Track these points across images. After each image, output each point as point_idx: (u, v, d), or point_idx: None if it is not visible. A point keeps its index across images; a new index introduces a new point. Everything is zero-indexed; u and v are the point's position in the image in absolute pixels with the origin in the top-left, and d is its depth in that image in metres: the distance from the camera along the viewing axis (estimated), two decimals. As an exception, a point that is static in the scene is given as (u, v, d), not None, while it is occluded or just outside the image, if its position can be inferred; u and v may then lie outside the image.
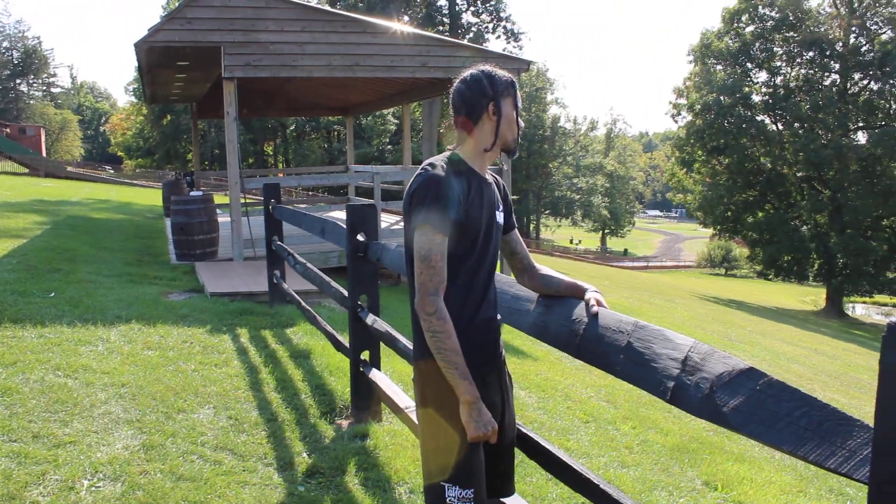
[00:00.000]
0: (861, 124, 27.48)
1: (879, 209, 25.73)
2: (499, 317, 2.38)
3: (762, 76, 28.76)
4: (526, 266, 2.49)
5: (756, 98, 28.48)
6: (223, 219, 11.51)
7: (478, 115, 2.21)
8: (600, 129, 71.52)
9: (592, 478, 2.38)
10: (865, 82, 27.31)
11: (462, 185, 2.12)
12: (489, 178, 2.29)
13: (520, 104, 2.32)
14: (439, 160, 2.18)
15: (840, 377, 10.43)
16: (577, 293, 2.34)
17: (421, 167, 2.17)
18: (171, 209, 10.64)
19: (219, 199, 14.62)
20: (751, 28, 28.30)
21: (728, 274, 45.01)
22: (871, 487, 1.16)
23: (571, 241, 69.53)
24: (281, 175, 21.82)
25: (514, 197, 35.53)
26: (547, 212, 60.77)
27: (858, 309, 30.75)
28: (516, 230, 2.52)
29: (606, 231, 66.68)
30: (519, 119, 2.29)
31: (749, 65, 28.64)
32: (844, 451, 1.31)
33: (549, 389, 6.00)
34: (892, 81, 26.19)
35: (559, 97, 59.98)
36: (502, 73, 2.26)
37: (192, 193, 11.04)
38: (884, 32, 26.50)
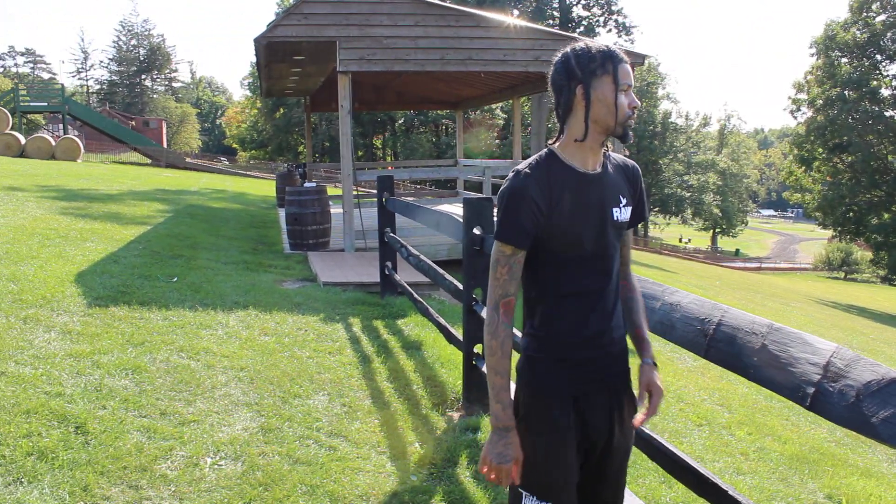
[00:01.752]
0: None
1: None
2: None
3: (893, 69, 27.21)
4: (621, 272, 2.20)
5: (885, 92, 26.91)
6: (335, 210, 11.75)
7: (568, 103, 1.96)
8: (713, 126, 69.31)
9: (718, 481, 2.30)
10: None
11: (543, 191, 1.90)
12: (600, 168, 2.01)
13: (627, 80, 1.95)
14: (529, 162, 1.98)
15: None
16: (638, 350, 2.12)
17: (511, 170, 1.99)
18: (285, 199, 10.94)
19: (331, 190, 14.96)
20: (882, 17, 26.75)
21: (848, 278, 42.81)
22: None
23: (680, 240, 67.73)
24: (391, 168, 22.15)
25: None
26: (656, 209, 59.32)
27: None
28: (629, 232, 2.21)
29: (717, 230, 64.60)
30: (624, 97, 1.93)
31: (878, 57, 27.08)
32: None
33: (661, 391, 5.83)
34: None
35: (670, 92, 58.29)
36: (596, 47, 1.96)
37: (305, 185, 11.32)
38: None
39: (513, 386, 2.02)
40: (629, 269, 2.24)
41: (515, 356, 2.10)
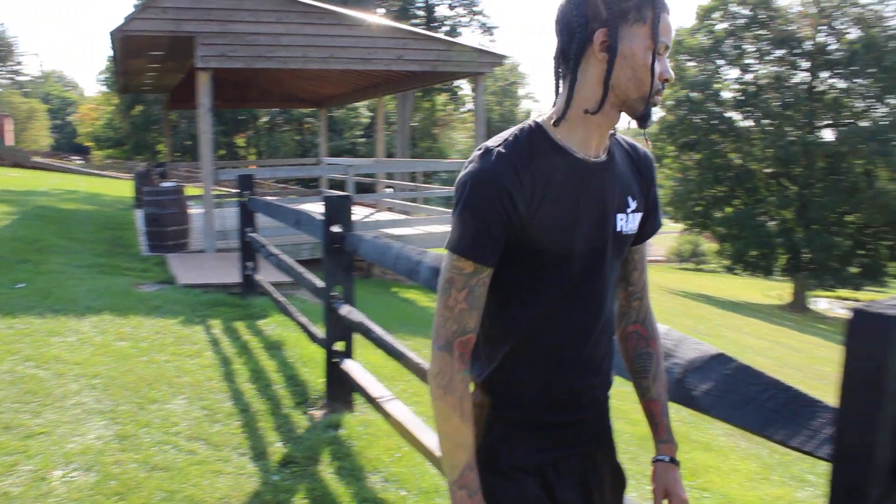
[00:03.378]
0: (828, 122, 27.94)
1: (844, 205, 26.23)
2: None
3: (733, 73, 29.13)
4: (633, 310, 1.64)
5: (727, 95, 28.84)
6: (195, 210, 11.44)
7: (579, 55, 1.35)
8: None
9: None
10: (833, 80, 27.76)
11: (524, 182, 1.33)
12: (605, 155, 1.44)
13: (667, 38, 1.36)
14: (502, 137, 1.39)
15: (804, 369, 10.65)
16: (654, 434, 1.65)
17: (476, 150, 1.41)
18: (143, 200, 10.56)
19: (191, 190, 14.53)
20: (723, 25, 28.64)
21: (697, 269, 45.54)
22: (832, 464, 1.24)
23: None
24: (254, 167, 21.73)
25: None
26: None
27: (822, 303, 31.29)
28: (643, 250, 1.63)
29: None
30: (658, 63, 1.35)
31: (720, 62, 28.98)
32: (808, 431, 1.40)
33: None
34: (857, 80, 26.66)
35: (531, 92, 60.13)
36: None
37: (163, 185, 10.97)
38: (850, 32, 26.93)
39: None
40: (647, 305, 1.65)
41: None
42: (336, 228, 4.26)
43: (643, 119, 1.39)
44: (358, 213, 12.78)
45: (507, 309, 1.44)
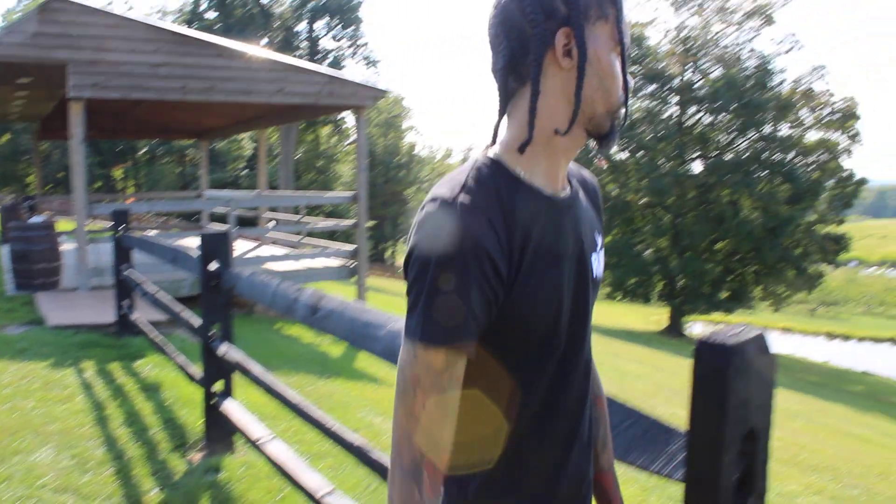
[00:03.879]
0: (697, 154, 29.52)
1: (713, 233, 27.71)
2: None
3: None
4: None
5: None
6: (68, 246, 10.92)
7: (536, 57, 1.13)
8: (456, 157, 73.13)
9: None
10: (700, 116, 29.40)
11: (501, 239, 1.07)
12: (569, 188, 1.24)
13: (627, 39, 1.19)
14: (458, 182, 1.10)
15: (680, 392, 11.12)
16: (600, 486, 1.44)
17: (428, 196, 1.11)
18: (8, 236, 10.00)
19: (64, 225, 13.85)
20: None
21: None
22: (686, 486, 1.31)
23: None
24: (131, 200, 20.95)
25: (372, 222, 35.71)
26: (402, 238, 61.31)
27: (697, 327, 32.78)
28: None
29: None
30: (625, 70, 1.18)
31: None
32: (665, 456, 1.49)
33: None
34: (721, 116, 28.37)
35: (414, 125, 60.57)
36: None
37: (32, 219, 10.42)
38: (714, 71, 28.69)
39: None
40: (592, 360, 1.34)
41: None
42: (213, 265, 4.17)
43: (608, 138, 1.19)
44: (240, 247, 12.52)
45: (495, 390, 1.16)
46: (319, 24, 42.03)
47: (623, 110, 1.20)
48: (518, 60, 1.14)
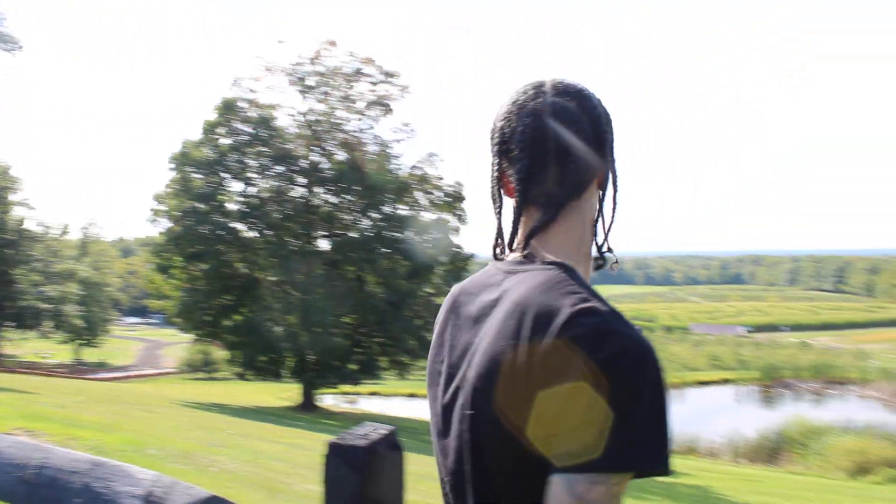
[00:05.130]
0: (324, 233, 30.62)
1: (341, 308, 28.75)
2: None
3: (238, 186, 30.25)
4: None
5: (232, 206, 29.79)
6: None
7: (584, 183, 1.20)
8: (74, 234, 67.04)
9: None
10: (326, 196, 30.64)
11: None
12: None
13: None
14: (590, 292, 1.09)
15: (315, 468, 11.11)
16: None
17: (583, 305, 1.04)
18: None
19: None
20: (227, 140, 29.73)
21: (210, 378, 45.26)
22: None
23: (40, 355, 62.70)
24: None
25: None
26: (10, 324, 54.09)
27: (328, 400, 33.51)
28: None
29: (81, 342, 61.84)
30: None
31: (225, 174, 29.92)
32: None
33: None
34: (345, 196, 29.88)
35: (26, 198, 54.42)
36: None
37: None
38: (338, 153, 30.25)
39: None
40: None
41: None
42: None
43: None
44: None
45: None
46: None
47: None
48: (580, 174, 1.19)
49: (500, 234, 1.26)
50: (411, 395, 40.73)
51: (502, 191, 1.26)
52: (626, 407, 0.96)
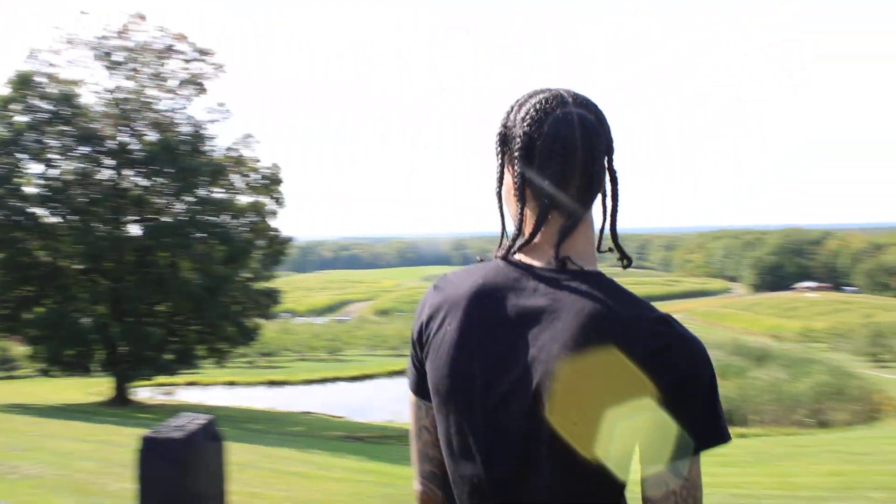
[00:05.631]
0: (134, 217, 29.04)
1: (155, 296, 27.48)
2: None
3: (37, 168, 28.01)
4: None
5: (31, 190, 27.58)
6: None
7: (601, 182, 1.32)
8: None
9: None
10: (136, 178, 29.05)
11: None
12: None
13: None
14: (630, 293, 1.26)
15: (127, 465, 10.76)
16: None
17: (657, 313, 1.22)
18: None
19: None
20: (24, 118, 27.40)
21: (9, 376, 41.83)
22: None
23: None
24: None
25: None
26: None
27: (143, 393, 32.07)
28: None
29: None
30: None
31: (22, 155, 27.61)
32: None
33: None
34: (157, 179, 28.45)
35: None
36: None
37: None
38: (149, 134, 28.74)
39: None
40: None
41: None
42: None
43: None
44: None
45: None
46: None
47: None
48: (601, 183, 1.30)
49: (515, 233, 1.31)
50: (231, 384, 39.79)
51: (513, 194, 1.30)
52: (715, 394, 1.19)
